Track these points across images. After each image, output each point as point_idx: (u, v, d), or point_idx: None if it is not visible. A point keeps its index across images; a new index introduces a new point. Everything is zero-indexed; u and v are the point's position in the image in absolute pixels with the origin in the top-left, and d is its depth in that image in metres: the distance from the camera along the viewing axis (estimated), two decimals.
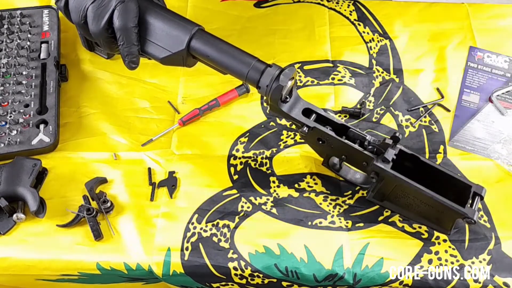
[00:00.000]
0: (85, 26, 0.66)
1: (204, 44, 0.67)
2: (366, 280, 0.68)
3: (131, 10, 0.64)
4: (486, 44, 0.91)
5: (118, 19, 0.64)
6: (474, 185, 0.68)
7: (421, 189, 0.67)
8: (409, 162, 0.70)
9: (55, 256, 0.70)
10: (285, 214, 0.74)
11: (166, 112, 0.84)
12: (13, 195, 0.72)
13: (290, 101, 0.69)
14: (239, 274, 0.70)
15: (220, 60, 0.67)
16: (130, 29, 0.65)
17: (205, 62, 0.69)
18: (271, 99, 0.67)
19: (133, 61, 0.68)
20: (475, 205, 0.67)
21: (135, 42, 0.66)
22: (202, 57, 0.68)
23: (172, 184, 0.76)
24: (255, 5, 0.98)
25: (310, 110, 0.71)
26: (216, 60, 0.67)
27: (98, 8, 0.64)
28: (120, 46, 0.66)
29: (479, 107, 0.84)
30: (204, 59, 0.68)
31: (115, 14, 0.64)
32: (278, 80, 0.65)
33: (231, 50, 0.67)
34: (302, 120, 0.69)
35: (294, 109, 0.70)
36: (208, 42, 0.67)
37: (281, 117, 0.72)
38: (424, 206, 0.70)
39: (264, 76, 0.65)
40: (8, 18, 0.90)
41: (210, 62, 0.68)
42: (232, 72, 0.67)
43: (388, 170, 0.67)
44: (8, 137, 0.78)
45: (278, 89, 0.65)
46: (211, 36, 0.68)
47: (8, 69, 0.84)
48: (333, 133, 0.70)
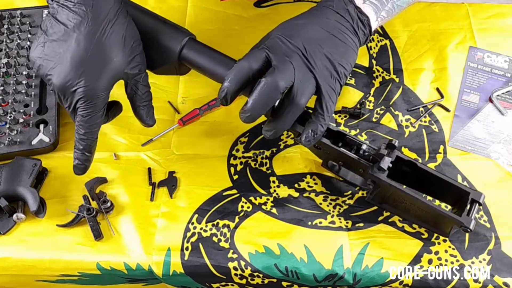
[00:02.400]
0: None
1: (196, 54, 0.67)
2: (366, 280, 0.68)
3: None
4: (486, 44, 0.91)
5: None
6: (472, 191, 0.67)
7: (417, 198, 0.66)
8: (407, 167, 0.69)
9: (55, 256, 0.70)
10: (285, 214, 0.74)
11: (166, 112, 0.84)
12: (13, 195, 0.72)
13: None
14: (239, 274, 0.70)
15: (213, 70, 0.67)
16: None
17: (197, 70, 0.69)
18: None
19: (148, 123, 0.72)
20: (472, 213, 0.66)
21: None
22: (194, 67, 0.68)
23: (172, 184, 0.76)
24: (255, 4, 0.97)
25: (306, 118, 0.68)
26: (208, 70, 0.67)
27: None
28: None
29: (479, 107, 0.84)
30: (197, 69, 0.68)
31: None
32: None
33: (223, 60, 0.67)
34: (297, 129, 0.68)
35: None
36: (200, 51, 0.67)
37: None
38: (421, 212, 0.69)
39: None
40: (8, 18, 0.90)
41: (202, 72, 0.68)
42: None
43: (384, 179, 0.67)
44: (8, 137, 0.78)
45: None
46: (202, 46, 0.68)
47: (8, 69, 0.84)
48: (329, 141, 0.69)
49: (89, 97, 0.63)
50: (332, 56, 0.66)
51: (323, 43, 0.66)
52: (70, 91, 0.63)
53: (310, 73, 0.64)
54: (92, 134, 0.66)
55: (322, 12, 0.68)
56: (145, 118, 0.71)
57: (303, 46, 0.65)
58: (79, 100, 0.63)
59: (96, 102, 0.64)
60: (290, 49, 0.64)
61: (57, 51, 0.63)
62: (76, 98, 0.63)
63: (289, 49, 0.64)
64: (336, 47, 0.66)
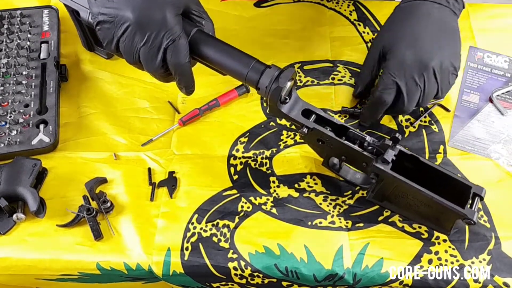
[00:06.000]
0: (140, 65, 0.67)
1: (203, 45, 0.67)
2: (366, 280, 0.68)
3: (182, 48, 0.65)
4: (486, 44, 0.91)
5: (171, 58, 0.65)
6: (473, 186, 0.68)
7: (421, 190, 0.67)
8: (409, 162, 0.70)
9: (55, 256, 0.70)
10: (285, 214, 0.74)
11: (166, 112, 0.84)
12: (13, 195, 0.72)
13: (290, 102, 0.69)
14: (239, 274, 0.70)
15: (219, 61, 0.67)
16: (184, 65, 0.66)
17: (204, 63, 0.69)
18: (270, 100, 0.67)
19: (190, 91, 0.71)
20: (474, 206, 0.67)
21: (190, 75, 0.68)
22: (201, 57, 0.68)
23: (172, 184, 0.76)
24: (255, 5, 0.98)
25: (309, 110, 0.70)
26: (215, 61, 0.67)
27: (150, 49, 0.64)
28: (176, 80, 0.68)
29: (479, 107, 0.84)
30: (203, 59, 0.68)
31: (168, 53, 0.64)
32: (278, 81, 0.65)
33: (230, 51, 0.67)
34: (302, 121, 0.69)
35: (294, 110, 0.70)
36: (207, 42, 0.67)
37: (281, 117, 0.72)
38: (423, 207, 0.69)
39: (263, 77, 0.65)
40: (8, 18, 0.90)
41: (209, 62, 0.68)
42: (231, 73, 0.67)
43: (388, 171, 0.67)
44: (8, 137, 0.78)
45: (277, 91, 0.65)
46: (210, 37, 0.68)
47: (8, 69, 0.84)
48: (333, 134, 0.69)
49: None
50: (449, 60, 0.75)
51: (439, 53, 0.75)
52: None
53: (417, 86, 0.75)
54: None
55: (423, 9, 0.78)
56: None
57: (430, 67, 0.74)
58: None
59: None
60: (416, 75, 0.74)
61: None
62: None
63: (415, 75, 0.74)
64: (448, 48, 0.76)
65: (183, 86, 0.70)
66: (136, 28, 0.63)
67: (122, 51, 0.66)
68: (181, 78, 0.68)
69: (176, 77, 0.68)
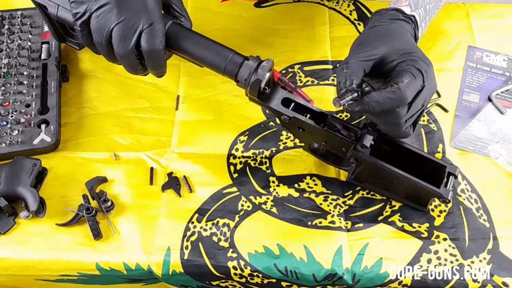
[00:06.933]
0: (109, 47, 0.64)
1: (180, 37, 0.66)
2: (366, 280, 0.69)
3: (158, 33, 0.63)
4: (486, 43, 0.91)
5: (146, 42, 0.62)
6: (448, 165, 0.70)
7: (399, 172, 0.69)
8: (386, 145, 0.72)
9: (55, 256, 0.70)
10: (285, 214, 0.74)
11: (166, 112, 0.84)
12: (13, 195, 0.72)
13: (269, 91, 0.69)
14: (239, 273, 0.70)
15: (197, 54, 0.66)
16: (158, 51, 0.63)
17: (182, 56, 0.68)
18: (250, 92, 0.67)
19: (161, 75, 0.69)
20: (449, 185, 0.69)
21: (163, 63, 0.66)
22: (179, 50, 0.67)
23: (176, 183, 0.76)
24: (255, 5, 0.98)
25: (289, 99, 0.71)
26: (192, 54, 0.67)
27: (124, 29, 0.61)
28: (149, 67, 0.66)
29: (479, 107, 0.84)
30: (181, 52, 0.67)
31: (142, 37, 0.62)
32: (256, 73, 0.65)
33: (207, 43, 0.67)
34: (282, 110, 0.70)
35: (274, 100, 0.70)
36: (185, 35, 0.66)
37: (261, 106, 0.73)
38: (402, 187, 0.72)
39: (242, 70, 0.65)
40: (9, 19, 0.90)
41: (186, 55, 0.67)
42: (209, 66, 0.67)
43: (367, 156, 0.69)
44: (9, 137, 0.78)
45: (256, 83, 0.65)
46: (187, 29, 0.67)
47: (9, 69, 0.84)
48: (312, 121, 0.70)
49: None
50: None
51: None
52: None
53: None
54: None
55: (395, 29, 0.70)
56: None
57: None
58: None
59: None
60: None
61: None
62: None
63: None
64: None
65: (155, 73, 0.67)
66: (114, 5, 0.61)
67: (93, 28, 0.63)
68: (153, 65, 0.65)
69: (148, 64, 0.65)
